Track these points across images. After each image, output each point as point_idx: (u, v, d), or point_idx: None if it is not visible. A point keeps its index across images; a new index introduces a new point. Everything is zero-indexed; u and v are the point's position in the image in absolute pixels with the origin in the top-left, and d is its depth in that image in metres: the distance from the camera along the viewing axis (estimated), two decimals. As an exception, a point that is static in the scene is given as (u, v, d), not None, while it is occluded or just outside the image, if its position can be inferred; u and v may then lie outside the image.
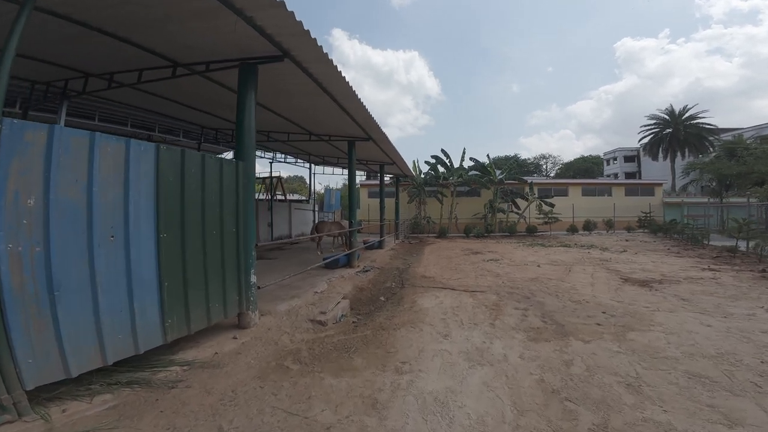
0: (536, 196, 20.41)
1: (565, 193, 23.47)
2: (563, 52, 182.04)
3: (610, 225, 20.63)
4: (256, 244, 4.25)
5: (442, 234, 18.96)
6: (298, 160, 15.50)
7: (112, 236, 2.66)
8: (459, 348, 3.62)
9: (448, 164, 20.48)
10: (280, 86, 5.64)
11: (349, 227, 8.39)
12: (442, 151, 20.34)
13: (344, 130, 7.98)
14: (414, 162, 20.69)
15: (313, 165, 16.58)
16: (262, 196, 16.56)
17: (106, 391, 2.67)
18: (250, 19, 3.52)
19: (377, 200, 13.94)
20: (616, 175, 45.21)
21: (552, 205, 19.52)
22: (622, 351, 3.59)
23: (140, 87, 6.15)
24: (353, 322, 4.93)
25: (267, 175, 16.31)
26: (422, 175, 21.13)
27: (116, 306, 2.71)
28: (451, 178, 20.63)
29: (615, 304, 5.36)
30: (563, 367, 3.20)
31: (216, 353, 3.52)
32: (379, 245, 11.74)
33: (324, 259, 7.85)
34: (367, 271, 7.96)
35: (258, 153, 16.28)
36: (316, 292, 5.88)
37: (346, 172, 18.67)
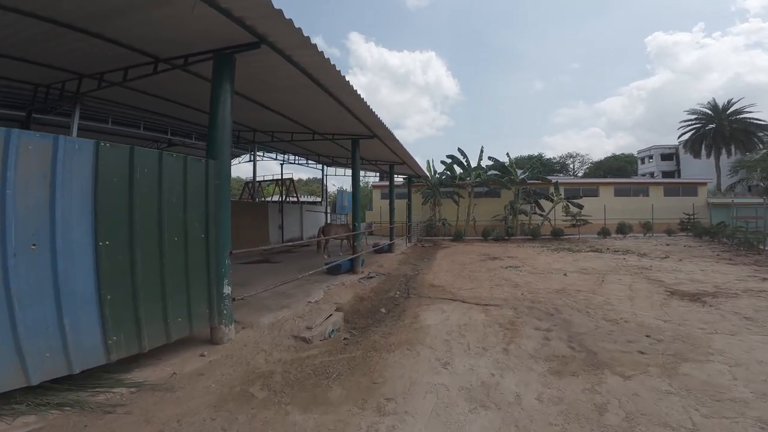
0: (562, 196, 19.03)
1: (595, 194, 21.81)
2: (589, 47, 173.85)
3: (647, 228, 18.85)
4: (231, 252, 3.80)
5: (458, 237, 18.01)
6: (310, 162, 15.24)
7: (34, 244, 2.26)
8: (460, 382, 2.94)
9: (465, 164, 19.51)
10: (269, 80, 5.25)
11: (353, 230, 7.86)
12: (459, 150, 19.43)
13: (347, 127, 7.50)
14: (428, 162, 19.96)
15: (325, 167, 16.28)
16: (275, 198, 16.48)
17: (32, 412, 2.34)
18: (212, 2, 3.11)
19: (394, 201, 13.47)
20: (652, 174, 42.02)
21: (580, 207, 18.10)
22: (673, 390, 2.79)
23: (137, 87, 6.06)
24: (344, 338, 4.38)
25: (282, 177, 16.19)
26: (437, 176, 20.27)
27: (40, 322, 2.31)
28: (468, 178, 19.65)
29: (661, 324, 4.47)
30: (594, 415, 2.47)
31: (174, 373, 3.10)
32: (389, 249, 11.13)
33: (326, 264, 7.37)
34: (371, 277, 7.39)
35: (271, 155, 16.23)
36: (310, 302, 5.38)
37: (366, 174, 18.39)
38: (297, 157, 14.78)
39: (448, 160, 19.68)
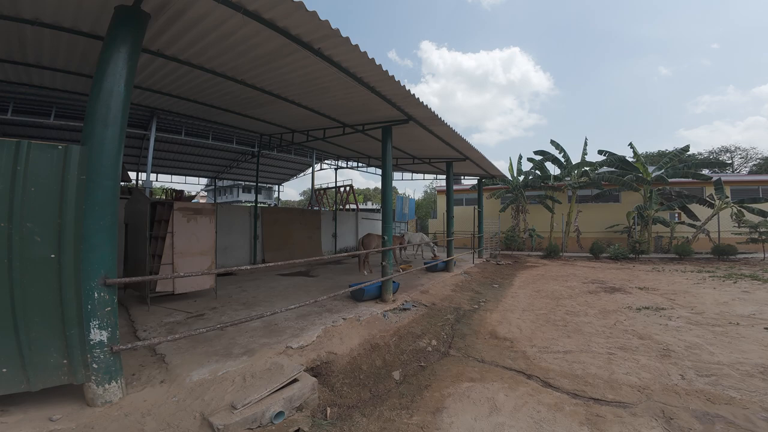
0: (729, 199, 12.89)
1: (788, 195, 14.39)
2: (729, 25, 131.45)
3: None
4: (106, 280, 2.33)
5: (551, 253, 13.56)
6: (367, 167, 13.94)
7: None
8: None
9: (563, 160, 15.07)
10: (238, 46, 3.85)
11: (383, 244, 5.78)
12: (553, 143, 15.09)
13: (373, 111, 5.69)
14: (511, 160, 16.22)
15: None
16: (333, 207, 15.79)
17: None
18: None
19: (461, 208, 10.82)
20: None
21: (764, 214, 11.88)
22: None
23: (205, 101, 5.74)
24: (297, 429, 2.40)
25: (336, 183, 15.40)
26: (520, 177, 16.29)
27: None
28: (567, 177, 15.14)
29: None
30: None
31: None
32: (445, 267, 8.50)
33: (350, 287, 5.53)
34: (404, 309, 5.19)
35: (333, 162, 15.56)
36: (289, 347, 3.58)
37: (426, 177, 16.23)
38: (348, 161, 13.70)
39: (537, 157, 15.54)
